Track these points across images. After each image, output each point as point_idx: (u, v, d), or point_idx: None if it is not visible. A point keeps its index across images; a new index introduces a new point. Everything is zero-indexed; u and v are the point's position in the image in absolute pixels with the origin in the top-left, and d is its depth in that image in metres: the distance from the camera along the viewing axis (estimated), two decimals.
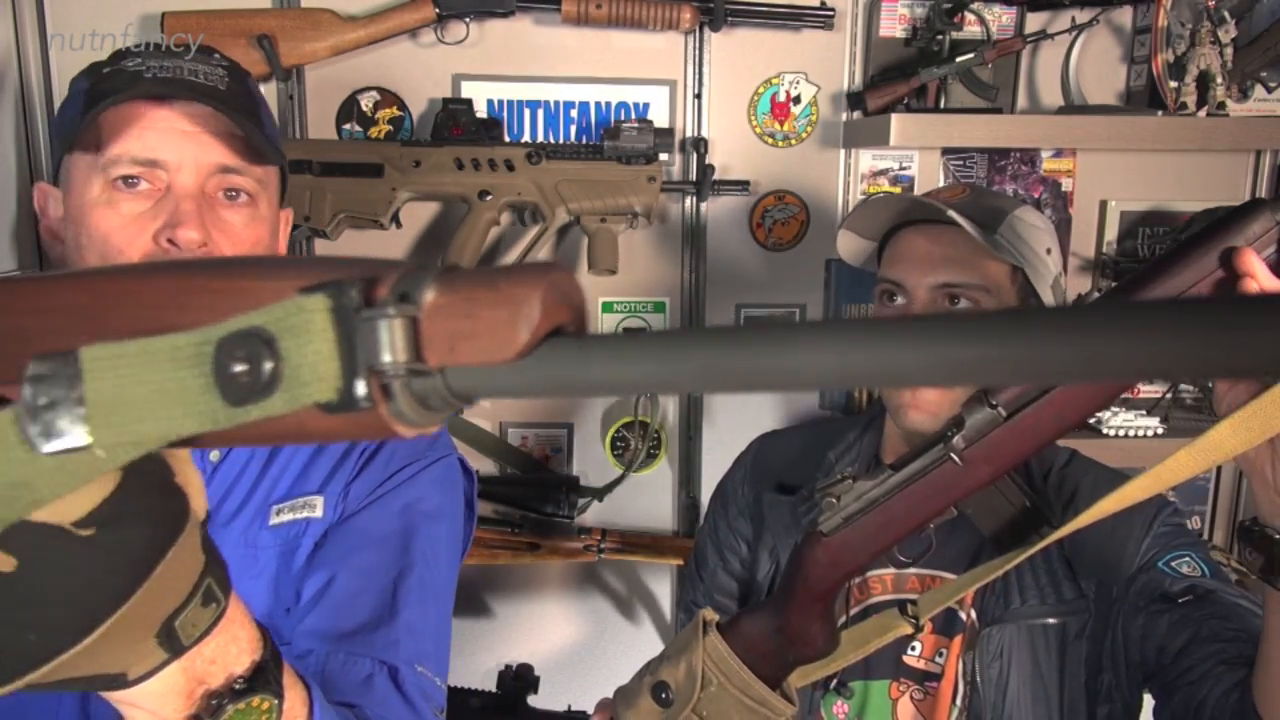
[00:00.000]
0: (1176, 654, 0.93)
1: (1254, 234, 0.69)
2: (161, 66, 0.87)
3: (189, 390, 0.31)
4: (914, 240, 1.08)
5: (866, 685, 1.09)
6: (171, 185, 0.86)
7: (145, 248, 0.85)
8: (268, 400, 0.30)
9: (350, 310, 0.30)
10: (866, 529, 0.84)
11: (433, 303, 0.30)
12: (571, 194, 1.62)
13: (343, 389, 0.30)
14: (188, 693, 0.46)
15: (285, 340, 0.30)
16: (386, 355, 0.30)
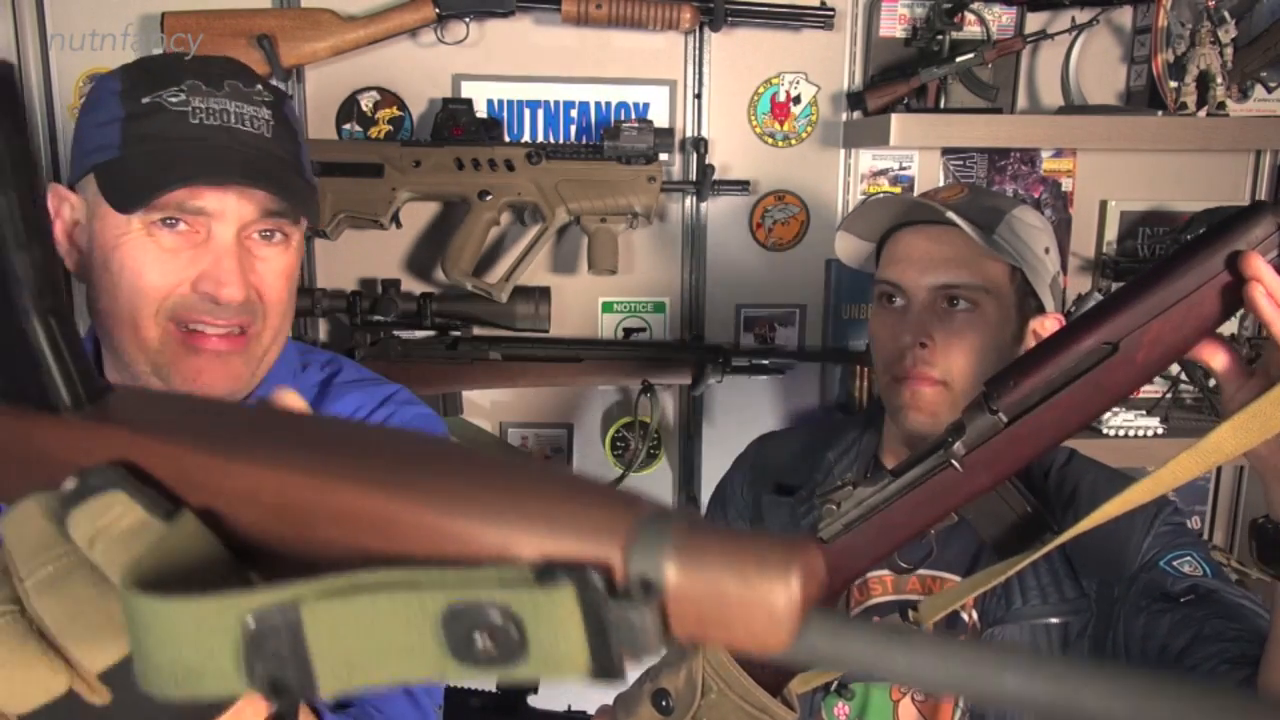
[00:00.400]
0: (1179, 653, 0.93)
1: (1257, 238, 0.69)
2: (208, 110, 0.85)
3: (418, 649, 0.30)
4: (912, 241, 1.08)
5: (868, 687, 1.08)
6: (212, 235, 0.85)
7: (181, 291, 0.85)
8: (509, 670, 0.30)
9: (599, 602, 0.30)
10: (867, 535, 0.84)
11: (674, 585, 0.30)
12: (571, 194, 1.62)
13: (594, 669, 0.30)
14: None
15: (531, 624, 0.30)
16: (639, 643, 0.30)
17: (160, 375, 0.87)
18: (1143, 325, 0.71)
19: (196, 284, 0.85)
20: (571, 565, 0.30)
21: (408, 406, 1.01)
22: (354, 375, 1.03)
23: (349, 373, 1.03)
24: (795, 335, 1.83)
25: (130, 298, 0.85)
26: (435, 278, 1.73)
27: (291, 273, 0.92)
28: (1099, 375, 0.73)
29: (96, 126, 0.86)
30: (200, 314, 0.86)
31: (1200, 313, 0.70)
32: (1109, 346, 0.72)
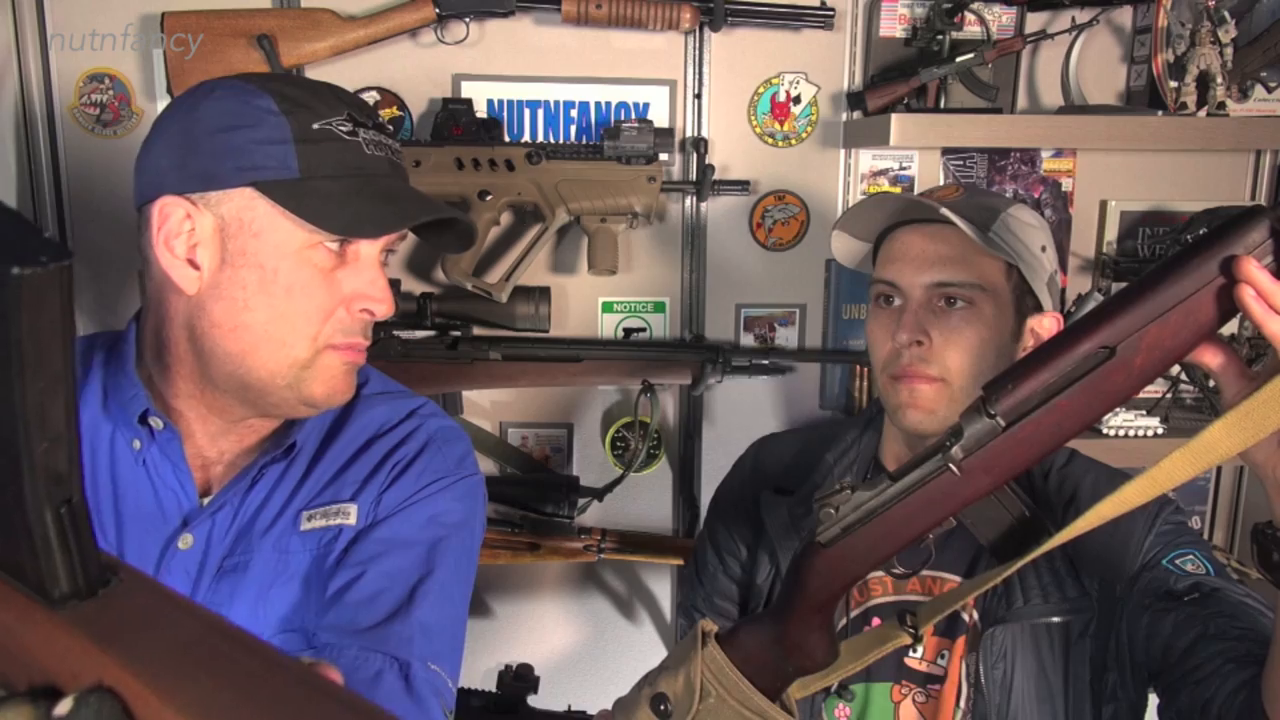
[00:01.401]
0: (1183, 652, 0.92)
1: (1254, 241, 0.69)
2: (374, 143, 0.90)
3: None
4: (909, 240, 1.08)
5: (868, 688, 1.08)
6: (360, 252, 0.90)
7: (340, 315, 0.89)
8: None
9: None
10: (865, 540, 0.84)
11: None
12: (571, 194, 1.62)
13: None
14: None
15: None
16: None
17: (297, 388, 0.90)
18: (1140, 329, 0.71)
19: (350, 302, 0.89)
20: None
21: (432, 419, 1.04)
22: (380, 387, 1.06)
23: (376, 383, 1.06)
24: (795, 335, 1.83)
25: (294, 318, 0.87)
26: (435, 278, 1.73)
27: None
28: (1097, 379, 0.73)
29: (257, 144, 0.86)
30: (356, 334, 0.91)
31: (1197, 317, 0.70)
32: (1107, 351, 0.72)
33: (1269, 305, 0.68)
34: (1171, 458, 0.69)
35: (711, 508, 1.32)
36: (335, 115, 0.88)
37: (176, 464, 0.92)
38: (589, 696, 1.77)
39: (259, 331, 0.87)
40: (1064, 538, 0.77)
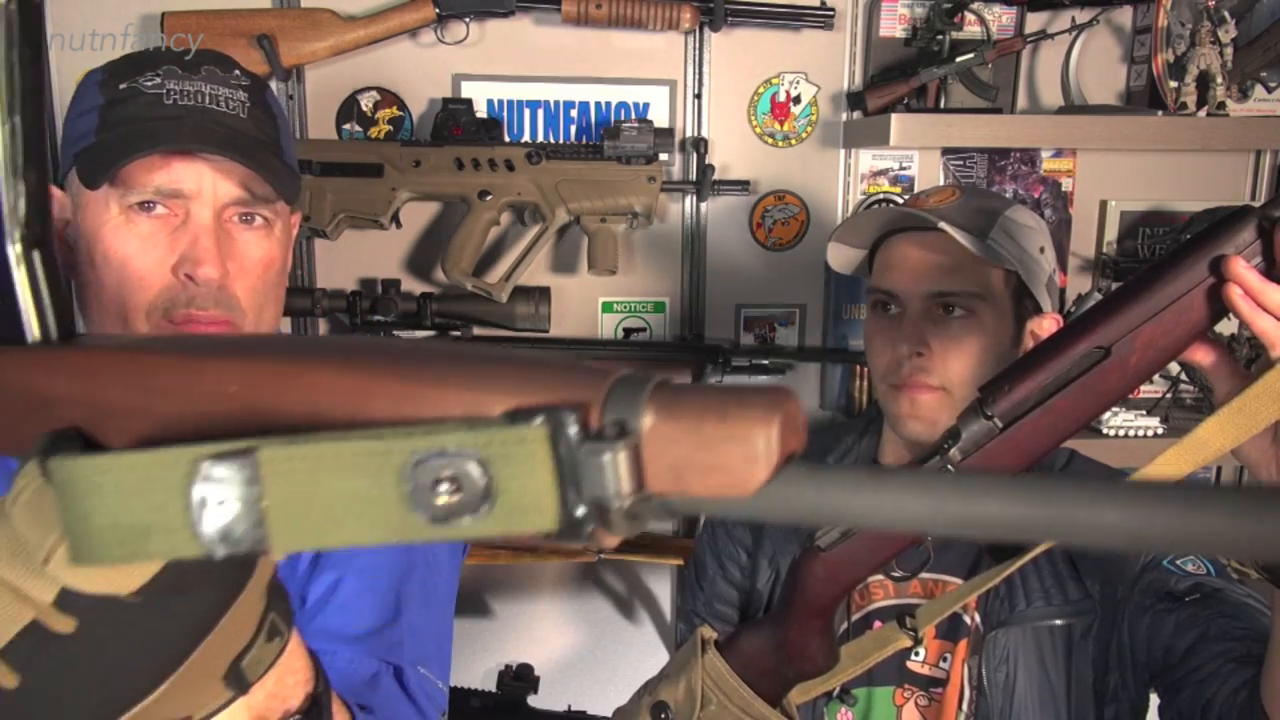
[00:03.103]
0: (1184, 653, 0.92)
1: (1244, 241, 0.70)
2: (182, 91, 0.85)
3: (380, 503, 0.29)
4: (905, 249, 1.08)
5: (870, 692, 1.08)
6: (190, 215, 0.85)
7: (165, 279, 0.84)
8: (476, 523, 0.29)
9: (571, 442, 0.29)
10: (864, 543, 0.84)
11: (651, 429, 0.29)
12: (571, 194, 1.62)
13: (564, 521, 0.29)
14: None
15: (499, 467, 0.29)
16: (611, 488, 0.29)
17: None
18: (1134, 329, 0.72)
19: (176, 268, 0.84)
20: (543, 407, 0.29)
21: None
22: None
23: None
24: (795, 335, 1.83)
25: (118, 289, 0.84)
26: (435, 278, 1.73)
27: (272, 263, 0.90)
28: (1092, 379, 0.73)
29: (77, 117, 0.86)
30: (184, 304, 0.84)
31: (1190, 316, 0.71)
32: (1102, 351, 0.73)
33: (1257, 303, 0.68)
34: (1165, 455, 0.70)
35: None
36: (147, 72, 0.85)
37: None
38: (589, 696, 1.77)
39: (103, 308, 0.85)
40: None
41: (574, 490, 0.29)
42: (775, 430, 0.28)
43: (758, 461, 0.28)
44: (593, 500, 0.29)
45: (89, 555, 0.31)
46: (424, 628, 0.89)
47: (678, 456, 0.29)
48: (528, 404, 0.29)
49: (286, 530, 0.30)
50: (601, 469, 0.28)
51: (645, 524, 0.30)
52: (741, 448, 0.28)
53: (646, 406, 0.29)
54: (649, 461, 0.29)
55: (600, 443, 0.28)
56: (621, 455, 0.28)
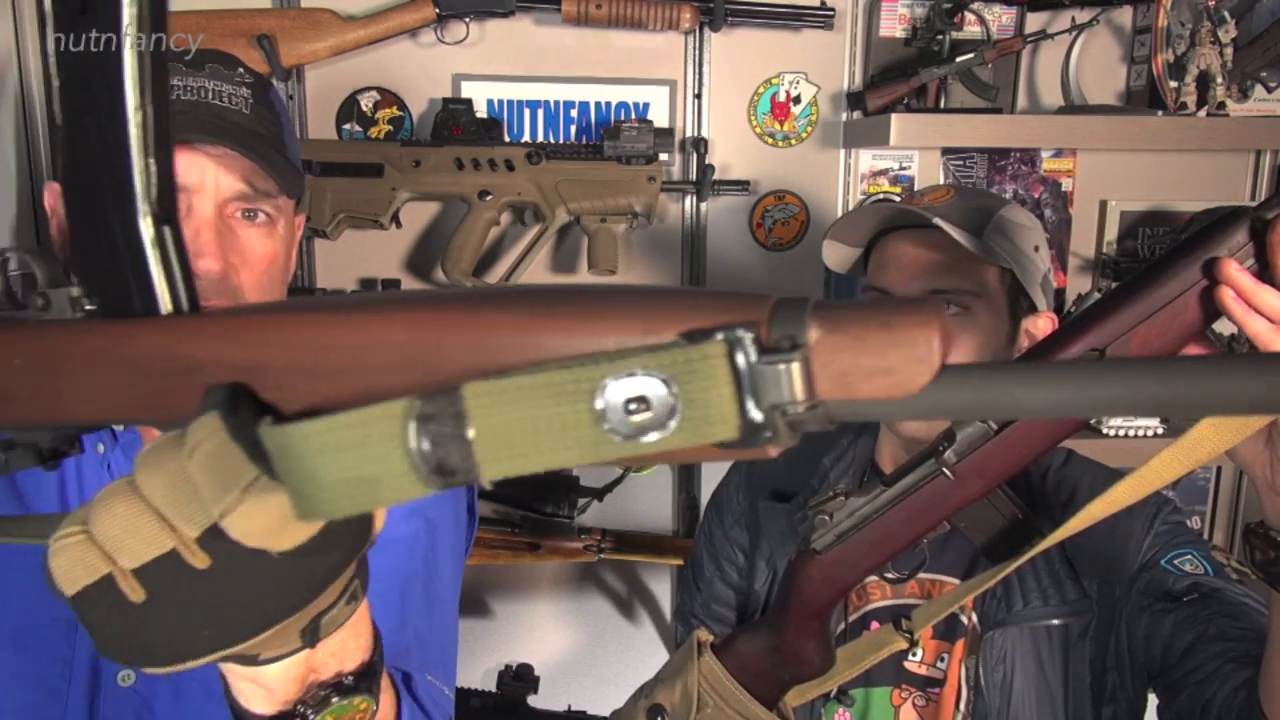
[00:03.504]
0: (1183, 653, 0.92)
1: (1237, 243, 0.70)
2: (185, 87, 0.85)
3: (574, 425, 0.32)
4: (901, 246, 1.08)
5: (868, 693, 1.08)
6: (191, 208, 0.84)
7: None
8: (664, 438, 0.31)
9: (749, 356, 0.31)
10: (860, 545, 0.84)
11: (818, 341, 0.31)
12: (571, 194, 1.62)
13: (745, 429, 0.31)
14: (301, 679, 0.48)
15: (684, 383, 0.31)
16: (786, 395, 0.31)
17: None
18: (1129, 331, 0.72)
19: None
20: (719, 326, 0.32)
21: None
22: None
23: None
24: None
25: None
26: (435, 278, 1.73)
27: (275, 259, 0.90)
28: None
29: None
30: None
31: (1184, 318, 0.71)
32: (1096, 353, 0.73)
33: (1249, 305, 0.69)
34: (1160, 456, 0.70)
35: (707, 513, 1.31)
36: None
37: None
38: (589, 696, 1.78)
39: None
40: (1056, 538, 0.77)
41: (753, 400, 0.31)
42: (937, 333, 0.31)
43: (923, 362, 0.31)
44: (770, 408, 0.31)
45: (318, 510, 0.34)
46: (429, 634, 0.89)
47: (845, 364, 0.31)
48: (702, 325, 0.32)
49: (493, 458, 0.32)
50: (778, 378, 0.31)
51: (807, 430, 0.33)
52: (907, 350, 0.31)
53: (811, 321, 0.32)
54: (817, 370, 0.31)
55: (775, 354, 0.31)
56: (795, 365, 0.31)
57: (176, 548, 0.37)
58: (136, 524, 0.37)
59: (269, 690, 0.48)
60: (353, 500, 0.33)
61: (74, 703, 0.83)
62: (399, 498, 0.33)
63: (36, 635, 0.82)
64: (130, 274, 0.39)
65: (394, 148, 1.60)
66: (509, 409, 0.32)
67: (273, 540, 0.37)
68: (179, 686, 0.84)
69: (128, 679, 0.84)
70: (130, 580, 0.38)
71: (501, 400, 0.32)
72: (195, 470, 0.36)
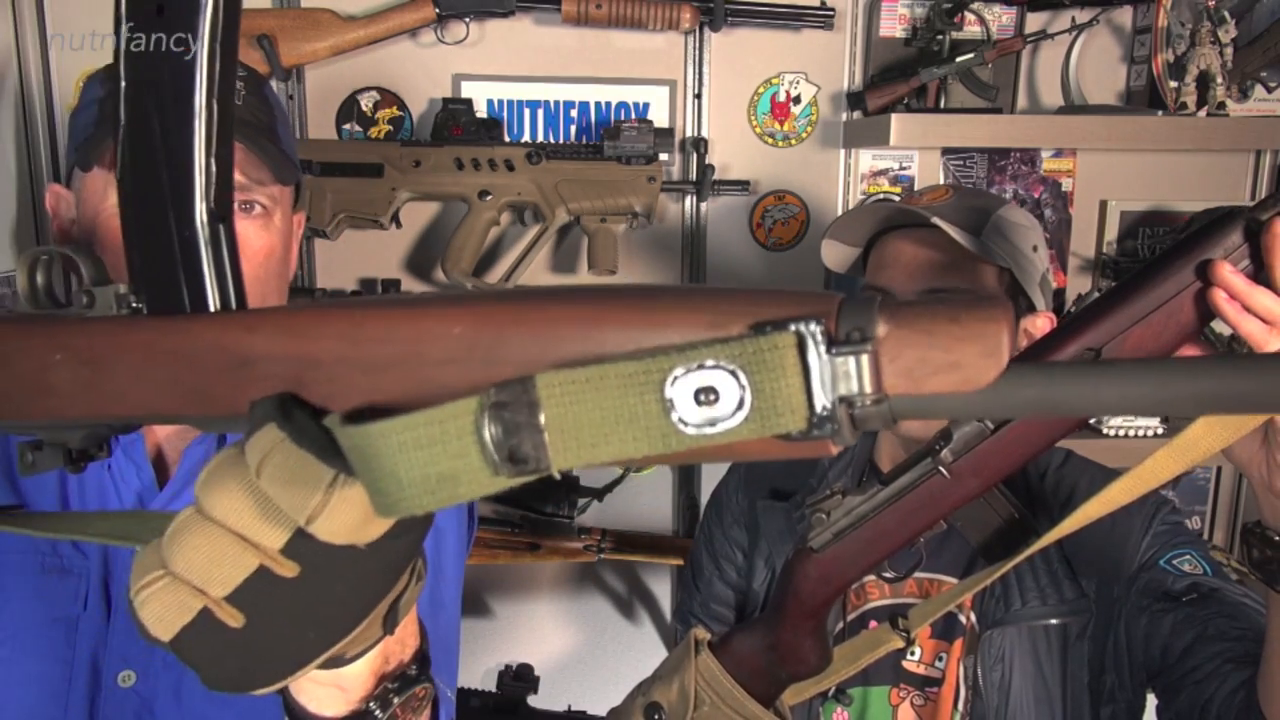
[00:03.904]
0: (1181, 653, 0.93)
1: (1232, 244, 0.70)
2: None
3: (644, 415, 0.32)
4: (900, 246, 1.08)
5: (866, 692, 1.08)
6: None
7: None
8: (733, 428, 0.32)
9: (820, 347, 0.31)
10: (857, 544, 0.84)
11: (886, 335, 0.32)
12: (571, 194, 1.62)
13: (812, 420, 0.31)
14: (376, 672, 0.48)
15: (754, 374, 0.31)
16: (855, 388, 0.31)
17: None
18: (1124, 332, 0.72)
19: None
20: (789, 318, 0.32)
21: None
22: None
23: None
24: None
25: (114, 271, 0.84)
26: (435, 278, 1.73)
27: (272, 251, 0.89)
28: None
29: (78, 114, 0.88)
30: None
31: (1180, 319, 0.72)
32: (1092, 353, 0.73)
33: (1244, 306, 0.69)
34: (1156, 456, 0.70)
35: (707, 512, 1.31)
36: None
37: (140, 465, 0.89)
38: (589, 696, 1.78)
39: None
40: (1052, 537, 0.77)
41: (821, 391, 0.31)
42: (1006, 328, 0.31)
43: (992, 356, 0.31)
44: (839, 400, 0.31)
45: (400, 508, 0.34)
46: (432, 635, 0.88)
47: (912, 358, 0.31)
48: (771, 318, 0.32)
49: (564, 448, 0.32)
50: (848, 370, 0.31)
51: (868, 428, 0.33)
52: (977, 344, 0.31)
53: (877, 316, 0.32)
54: (885, 365, 0.32)
55: (845, 346, 0.31)
56: (865, 358, 0.31)
57: (263, 563, 0.37)
58: (218, 550, 0.37)
59: (345, 690, 0.48)
60: (433, 496, 0.34)
61: (74, 703, 0.83)
62: (477, 492, 0.34)
63: (36, 636, 0.82)
64: (183, 271, 0.39)
65: (394, 148, 1.60)
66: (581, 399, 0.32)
67: (360, 534, 0.37)
68: (179, 687, 0.84)
69: (128, 679, 0.84)
70: (226, 608, 0.37)
71: (573, 390, 0.32)
72: (268, 483, 0.36)
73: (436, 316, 0.36)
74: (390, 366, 0.36)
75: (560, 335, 0.34)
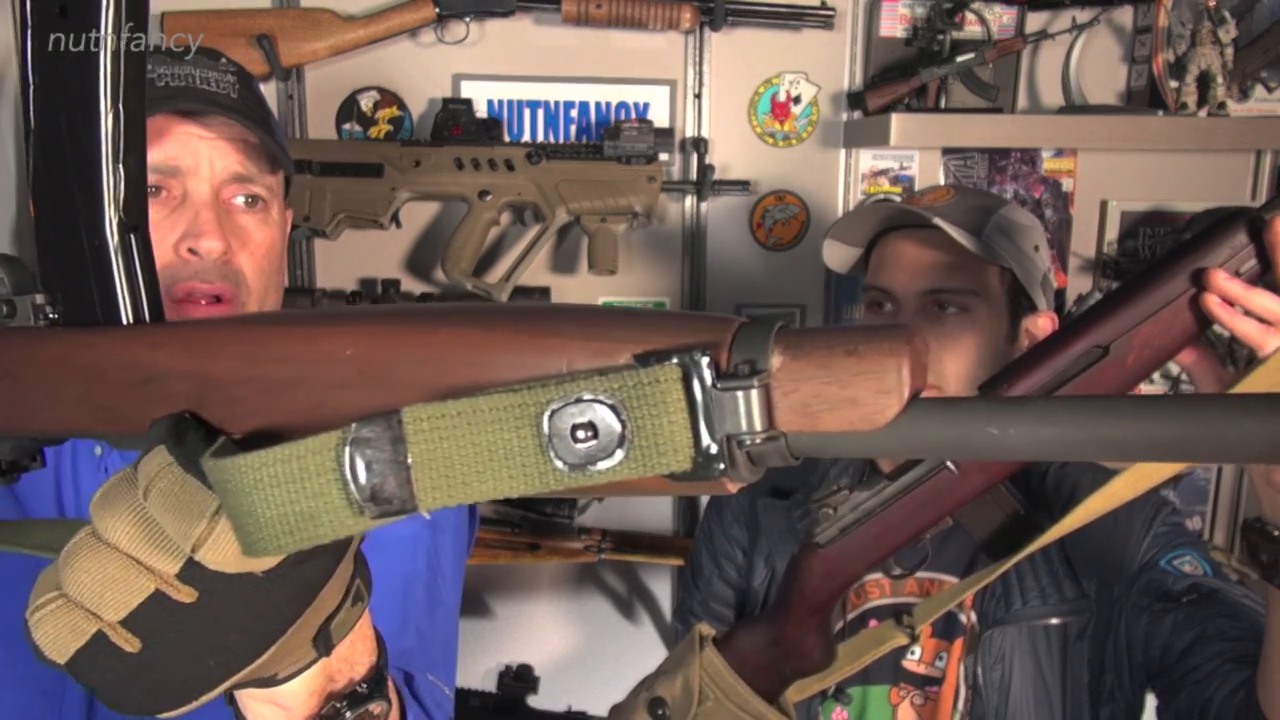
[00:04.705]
0: (1181, 653, 0.93)
1: (1239, 244, 0.71)
2: (174, 74, 0.85)
3: (519, 452, 0.30)
4: (901, 246, 1.08)
5: (865, 691, 1.08)
6: (188, 193, 0.84)
7: (165, 257, 0.83)
8: (611, 467, 0.29)
9: (705, 381, 0.29)
10: (863, 540, 0.84)
11: (780, 367, 0.30)
12: (571, 194, 1.62)
13: (698, 460, 0.29)
14: (319, 692, 0.47)
15: (634, 409, 0.29)
16: (744, 425, 0.29)
17: None
18: (1133, 329, 0.72)
19: (178, 245, 0.83)
20: (675, 349, 0.30)
21: None
22: None
23: None
24: None
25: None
26: (435, 278, 1.73)
27: (274, 245, 0.90)
28: (1090, 378, 0.74)
29: None
30: (186, 278, 0.84)
31: (1186, 317, 0.72)
32: (1100, 350, 0.73)
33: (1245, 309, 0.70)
34: None
35: (707, 511, 1.31)
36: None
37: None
38: (589, 696, 1.78)
39: None
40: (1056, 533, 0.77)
41: (707, 429, 0.29)
42: (907, 362, 0.29)
43: (890, 393, 0.28)
44: (726, 438, 0.29)
45: (262, 547, 0.33)
46: (431, 635, 0.88)
47: (808, 393, 0.29)
48: (657, 347, 0.30)
49: (434, 486, 0.31)
50: (735, 406, 0.29)
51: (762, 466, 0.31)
52: (874, 380, 0.29)
53: (775, 346, 0.30)
54: (778, 400, 0.29)
55: (733, 380, 0.29)
56: (754, 392, 0.29)
57: (159, 588, 0.36)
58: (111, 574, 0.36)
59: (287, 709, 0.47)
60: (292, 536, 0.32)
61: (70, 704, 0.82)
62: (339, 532, 0.32)
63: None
64: (94, 281, 0.38)
65: (394, 148, 1.60)
66: (452, 434, 0.30)
67: (251, 563, 0.35)
68: None
69: None
70: (121, 632, 0.36)
71: (443, 425, 0.30)
72: (154, 508, 0.35)
73: (330, 337, 0.34)
74: (288, 388, 0.34)
75: (448, 359, 0.32)
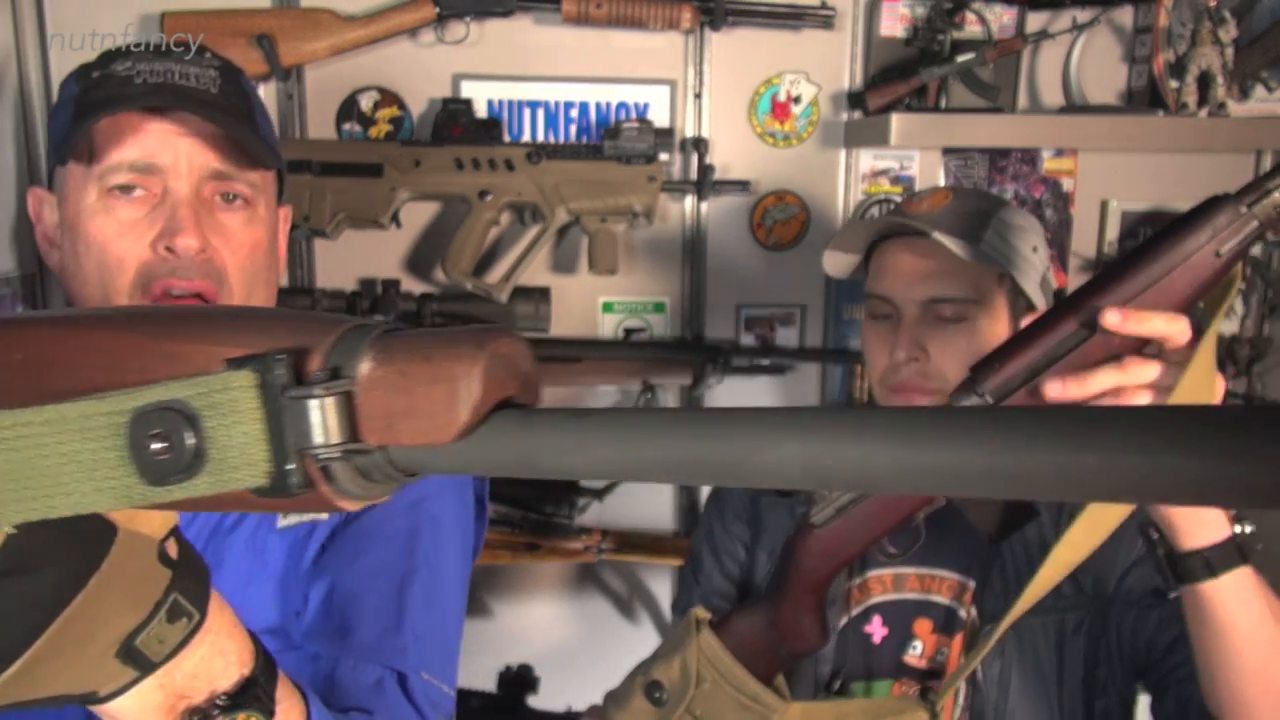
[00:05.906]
0: (1165, 649, 0.95)
1: (1221, 225, 0.72)
2: (152, 71, 0.86)
3: (101, 464, 0.28)
4: (900, 255, 1.09)
5: (868, 686, 1.09)
6: (167, 190, 0.85)
7: (143, 256, 0.84)
8: (190, 482, 0.27)
9: (278, 388, 0.27)
10: (858, 518, 0.85)
11: (368, 376, 0.27)
12: (571, 194, 1.62)
13: (274, 474, 0.27)
14: (168, 708, 0.45)
15: (209, 419, 0.27)
16: (319, 437, 0.27)
17: None
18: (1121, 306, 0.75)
19: (156, 243, 0.84)
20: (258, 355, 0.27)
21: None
22: None
23: None
24: (795, 335, 1.83)
25: (99, 273, 0.84)
26: (435, 278, 1.73)
27: (259, 244, 0.89)
28: (1078, 358, 0.76)
29: (56, 115, 0.88)
30: (163, 275, 0.84)
31: (1171, 298, 0.74)
32: (1087, 329, 0.75)
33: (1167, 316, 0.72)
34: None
35: (708, 509, 1.31)
36: (119, 60, 0.86)
37: None
38: (589, 697, 1.77)
39: (89, 296, 0.84)
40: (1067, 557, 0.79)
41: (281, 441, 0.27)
42: (479, 369, 0.26)
43: (458, 403, 0.26)
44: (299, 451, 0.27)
45: None
46: (428, 633, 0.87)
47: (389, 403, 0.27)
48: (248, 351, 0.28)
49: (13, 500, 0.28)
50: (307, 416, 0.27)
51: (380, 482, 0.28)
52: (444, 388, 0.26)
53: (366, 351, 0.27)
54: (366, 410, 0.27)
55: (306, 388, 0.27)
56: (329, 401, 0.27)
57: None
58: None
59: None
60: None
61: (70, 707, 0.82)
62: None
63: None
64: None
65: (394, 147, 1.60)
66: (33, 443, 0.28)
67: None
68: None
69: None
70: None
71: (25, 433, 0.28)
72: None
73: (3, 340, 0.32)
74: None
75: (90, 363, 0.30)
